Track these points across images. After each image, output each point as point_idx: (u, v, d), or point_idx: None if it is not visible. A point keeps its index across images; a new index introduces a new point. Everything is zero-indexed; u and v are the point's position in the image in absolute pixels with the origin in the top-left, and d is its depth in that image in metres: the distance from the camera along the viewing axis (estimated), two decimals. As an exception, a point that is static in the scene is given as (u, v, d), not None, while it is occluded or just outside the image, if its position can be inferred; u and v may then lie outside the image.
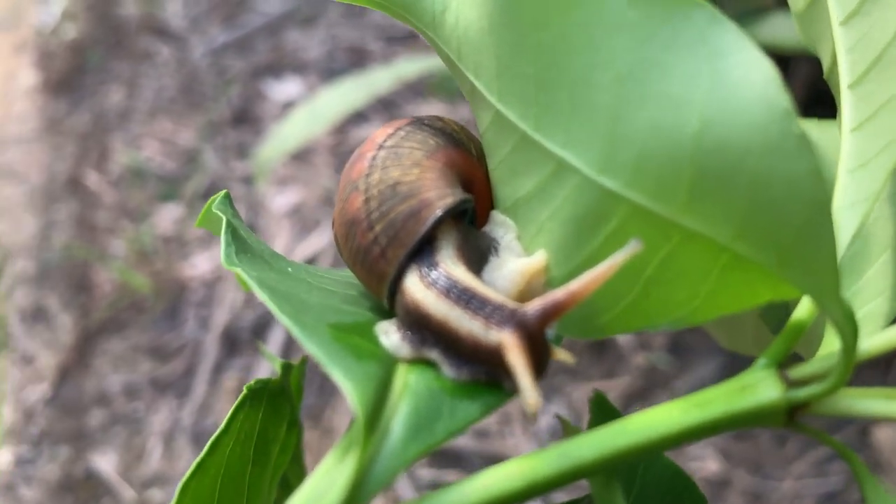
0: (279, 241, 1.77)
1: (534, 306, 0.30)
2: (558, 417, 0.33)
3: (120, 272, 1.78)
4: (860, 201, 0.32)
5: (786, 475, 1.31)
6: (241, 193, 1.92)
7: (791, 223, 0.25)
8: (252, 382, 0.39)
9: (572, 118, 0.29)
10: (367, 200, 0.33)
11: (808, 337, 0.33)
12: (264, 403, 0.39)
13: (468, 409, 0.30)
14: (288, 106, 2.13)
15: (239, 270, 0.31)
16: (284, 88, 2.21)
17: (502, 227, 0.34)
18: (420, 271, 0.32)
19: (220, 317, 1.67)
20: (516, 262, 0.32)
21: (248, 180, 1.95)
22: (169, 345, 1.65)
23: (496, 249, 0.33)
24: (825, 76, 0.37)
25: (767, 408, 0.29)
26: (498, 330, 0.30)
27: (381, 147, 0.34)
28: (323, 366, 0.28)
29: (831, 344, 0.31)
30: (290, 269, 0.35)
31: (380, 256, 0.33)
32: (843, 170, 0.34)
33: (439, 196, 0.33)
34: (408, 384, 0.30)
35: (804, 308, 0.31)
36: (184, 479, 0.35)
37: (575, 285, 0.29)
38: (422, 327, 0.31)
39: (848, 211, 0.33)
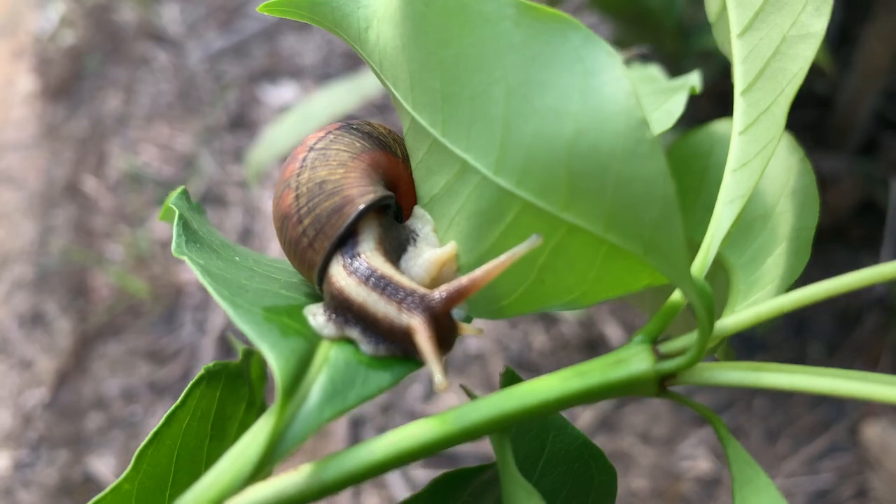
0: (275, 243, 1.81)
1: (440, 291, 0.35)
2: (462, 387, 0.37)
3: (117, 277, 1.82)
4: (738, 198, 0.37)
5: (777, 473, 1.35)
6: (237, 197, 1.96)
7: (648, 217, 0.30)
8: (210, 364, 0.43)
9: (472, 126, 0.34)
10: (297, 197, 0.38)
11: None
12: (222, 383, 0.43)
13: (380, 378, 0.35)
14: (284, 110, 2.16)
15: (186, 258, 0.36)
16: (280, 93, 2.24)
17: (421, 221, 0.39)
18: (343, 260, 0.37)
19: (217, 320, 1.71)
20: (430, 251, 0.37)
21: (245, 184, 1.98)
22: (166, 348, 1.68)
23: (415, 240, 0.38)
24: (732, 80, 0.42)
25: (639, 377, 0.34)
26: (409, 314, 0.35)
27: (311, 149, 0.39)
28: (252, 341, 0.33)
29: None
30: (237, 259, 0.40)
31: (308, 247, 0.37)
32: (728, 169, 0.38)
33: (361, 193, 0.37)
34: (328, 358, 0.35)
35: (678, 293, 0.36)
36: (139, 448, 0.39)
37: (477, 273, 0.34)
38: (345, 310, 0.36)
39: (728, 206, 0.37)
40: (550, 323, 1.53)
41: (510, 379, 0.38)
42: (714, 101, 1.45)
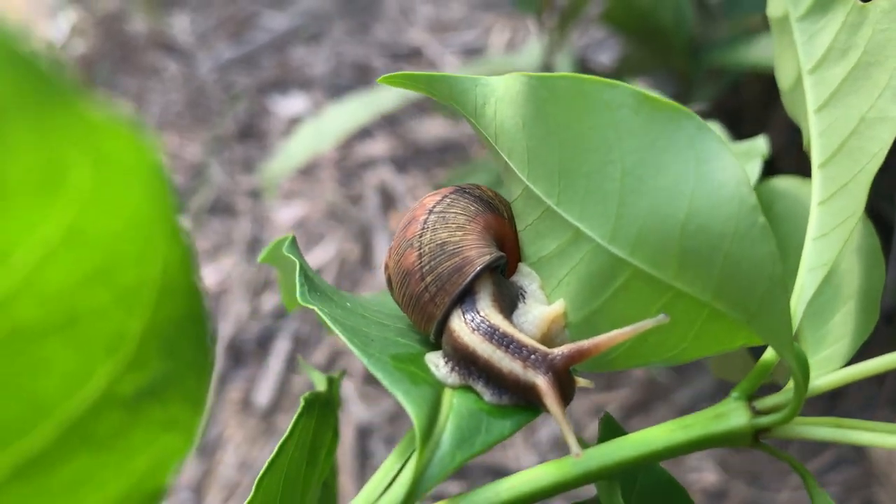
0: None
1: (562, 350, 0.39)
2: (579, 439, 0.41)
3: (129, 283, 1.84)
4: (820, 266, 0.41)
5: (783, 486, 1.38)
6: (246, 207, 1.98)
7: (755, 292, 0.35)
8: (307, 394, 0.47)
9: (587, 198, 0.38)
10: (420, 256, 0.42)
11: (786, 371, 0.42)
12: (316, 413, 0.47)
13: (502, 426, 0.39)
14: (293, 121, 2.19)
15: (316, 308, 0.40)
16: (290, 104, 2.27)
17: (528, 278, 0.44)
18: (463, 315, 0.41)
19: (225, 329, 1.73)
20: (541, 308, 0.42)
21: (254, 194, 2.01)
22: (175, 356, 1.70)
23: (523, 297, 0.43)
24: (805, 149, 0.46)
25: (736, 432, 0.39)
26: (535, 372, 0.39)
27: (430, 212, 0.44)
28: (387, 389, 0.37)
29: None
30: (348, 304, 0.44)
31: (429, 301, 0.42)
32: (809, 237, 0.42)
33: (479, 254, 0.42)
34: (453, 405, 0.39)
35: (770, 353, 0.40)
36: (258, 476, 0.43)
37: (601, 338, 0.39)
38: (468, 362, 0.41)
39: (810, 274, 0.41)
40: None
41: (608, 425, 0.42)
42: (723, 116, 1.48)
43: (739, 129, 0.60)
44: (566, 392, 0.39)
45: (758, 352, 0.41)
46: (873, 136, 0.41)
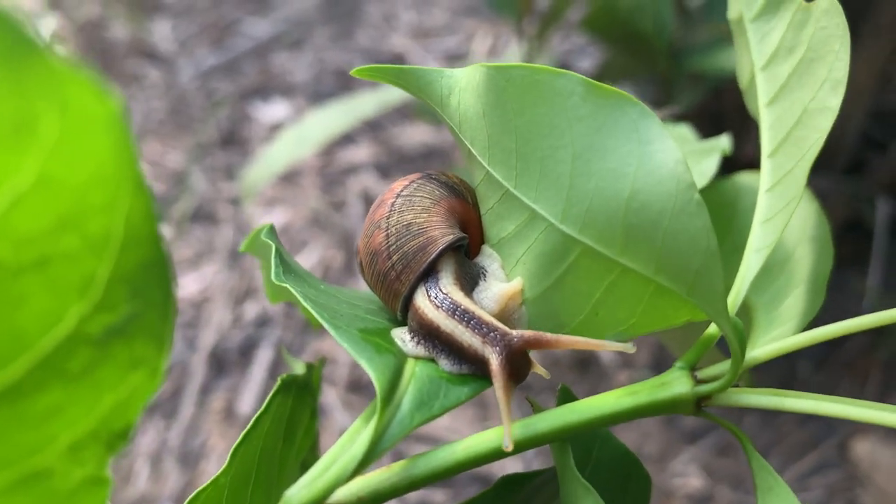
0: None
1: (521, 333, 0.43)
2: (528, 399, 0.45)
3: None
4: (764, 247, 0.45)
5: None
6: (228, 214, 2.00)
7: (692, 265, 0.39)
8: (284, 375, 0.50)
9: (541, 181, 0.42)
10: (387, 236, 0.47)
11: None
12: (293, 392, 0.51)
13: (460, 392, 0.43)
14: (275, 128, 2.21)
15: (289, 286, 0.44)
16: (272, 110, 2.29)
17: (489, 259, 0.48)
18: (427, 292, 0.46)
19: (208, 338, 1.76)
20: (500, 286, 0.46)
21: (236, 201, 2.02)
22: (157, 366, 1.70)
23: (484, 275, 0.47)
24: (760, 143, 0.49)
25: (679, 399, 0.43)
26: (491, 349, 0.43)
27: (398, 196, 0.48)
28: (353, 356, 0.41)
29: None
30: (322, 286, 0.48)
31: (395, 279, 0.46)
32: (757, 221, 0.47)
33: (442, 234, 0.47)
34: (415, 373, 0.43)
35: (713, 326, 0.45)
36: (234, 445, 0.46)
37: (564, 337, 0.43)
38: (432, 336, 0.45)
39: (755, 255, 0.45)
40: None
41: (565, 394, 0.46)
42: (705, 120, 1.50)
43: (721, 133, 0.63)
44: (519, 372, 0.43)
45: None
46: (814, 125, 0.45)
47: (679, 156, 0.38)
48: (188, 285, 1.88)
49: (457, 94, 0.46)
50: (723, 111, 1.52)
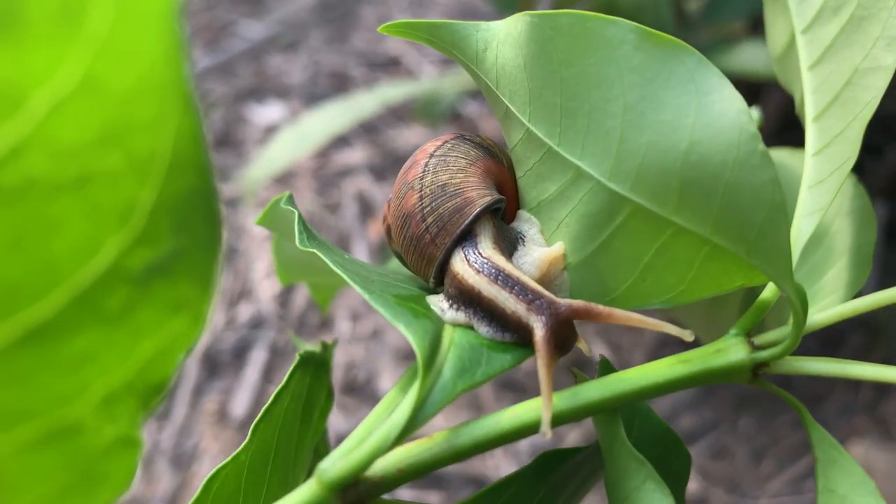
0: (260, 263, 1.84)
1: (569, 303, 0.40)
2: (572, 371, 0.42)
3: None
4: (815, 211, 0.43)
5: (761, 493, 1.41)
6: (222, 216, 1.98)
7: (755, 221, 0.37)
8: (302, 352, 0.48)
9: (588, 137, 0.40)
10: (421, 198, 0.44)
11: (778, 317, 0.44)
12: (311, 370, 0.49)
13: (503, 359, 0.41)
14: (270, 129, 2.20)
15: (316, 251, 0.41)
16: (267, 112, 2.28)
17: (528, 223, 0.45)
18: (465, 257, 0.43)
19: (201, 339, 1.70)
20: (540, 250, 0.44)
21: (230, 203, 2.01)
22: (148, 369, 1.69)
23: (523, 240, 0.45)
24: (797, 111, 0.48)
25: (736, 366, 0.41)
26: (537, 317, 0.40)
27: (431, 156, 0.45)
28: (390, 321, 0.39)
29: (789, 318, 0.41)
30: (346, 256, 0.46)
31: (430, 242, 0.44)
32: (804, 186, 0.44)
33: (480, 195, 0.44)
34: (454, 340, 0.41)
35: (769, 290, 0.43)
36: (255, 422, 0.44)
37: (617, 311, 0.40)
38: (472, 303, 0.42)
39: (806, 219, 0.43)
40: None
41: (605, 366, 0.43)
42: None
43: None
44: (565, 344, 0.41)
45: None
46: (867, 84, 0.43)
47: (741, 105, 0.36)
48: (181, 287, 1.83)
49: (494, 47, 0.44)
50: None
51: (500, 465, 1.45)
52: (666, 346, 1.57)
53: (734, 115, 0.36)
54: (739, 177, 0.36)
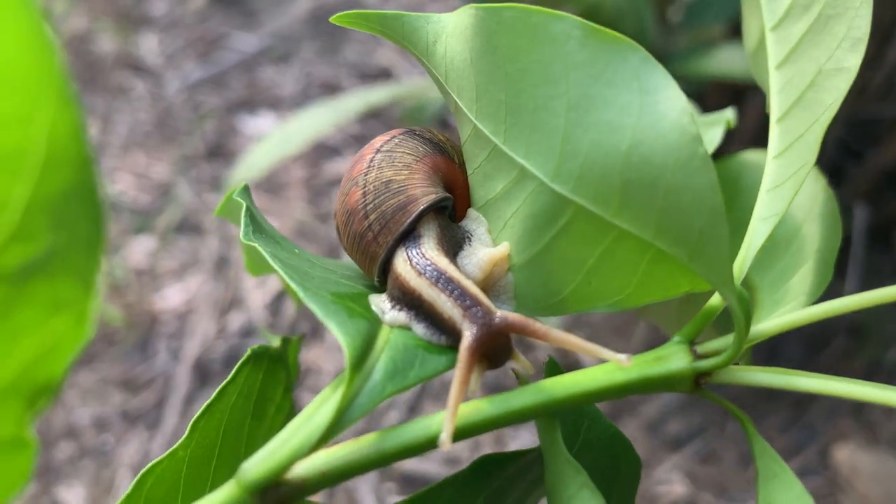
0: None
1: (505, 316, 0.39)
2: (513, 371, 0.41)
3: (92, 303, 1.83)
4: (772, 216, 0.42)
5: (749, 497, 1.41)
6: (213, 226, 1.99)
7: (695, 226, 0.36)
8: (255, 346, 0.47)
9: (532, 135, 0.39)
10: (364, 194, 0.43)
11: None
12: (264, 366, 0.48)
13: (437, 362, 0.40)
14: (262, 140, 2.19)
15: (257, 245, 0.41)
16: (258, 123, 2.28)
17: (476, 222, 0.44)
18: (408, 257, 0.42)
19: (192, 349, 1.74)
20: (484, 251, 0.43)
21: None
22: (140, 377, 1.70)
23: (469, 240, 0.44)
24: (766, 110, 0.46)
25: (676, 374, 0.40)
26: (470, 324, 0.39)
27: (378, 151, 0.44)
28: (321, 320, 0.38)
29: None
30: (296, 250, 0.45)
31: (372, 240, 0.43)
32: (763, 189, 0.43)
33: (424, 193, 0.43)
34: (389, 340, 0.40)
35: (716, 298, 0.41)
36: (195, 417, 0.43)
37: (555, 332, 0.39)
38: (413, 305, 0.41)
39: (762, 223, 0.42)
40: (527, 349, 1.56)
41: (553, 368, 0.42)
42: None
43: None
44: (494, 357, 0.40)
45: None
46: (830, 86, 0.42)
47: (684, 105, 0.35)
48: (173, 297, 1.86)
49: (443, 40, 0.43)
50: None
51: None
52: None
53: (676, 115, 0.35)
54: (680, 179, 0.35)
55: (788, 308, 0.45)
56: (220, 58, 2.51)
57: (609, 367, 0.39)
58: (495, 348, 0.39)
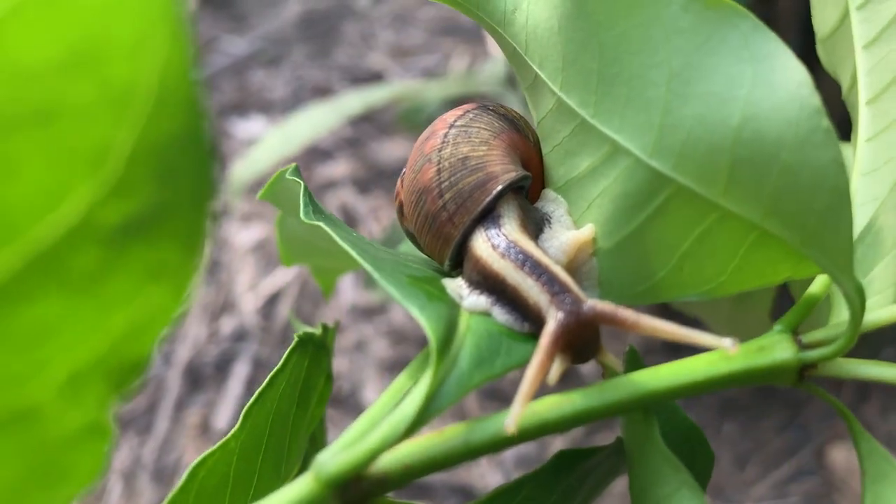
0: (243, 276, 1.81)
1: (595, 305, 0.36)
2: (599, 361, 0.38)
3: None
4: (869, 202, 0.39)
5: (746, 498, 1.41)
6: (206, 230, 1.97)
7: (815, 207, 0.33)
8: (301, 332, 0.45)
9: (627, 107, 0.36)
10: (438, 171, 0.40)
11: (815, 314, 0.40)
12: (310, 352, 0.45)
13: (523, 350, 0.37)
14: (253, 144, 2.18)
15: (322, 224, 0.38)
16: (249, 127, 2.27)
17: (554, 203, 0.41)
18: (488, 239, 0.39)
19: (183, 353, 1.73)
20: (568, 233, 0.39)
21: (213, 216, 1.98)
22: (131, 381, 1.67)
23: (549, 222, 0.40)
24: (843, 96, 0.44)
25: (781, 366, 0.36)
26: (556, 310, 0.36)
27: (451, 126, 0.41)
28: (400, 303, 0.35)
29: (840, 315, 0.37)
30: (354, 234, 0.42)
31: (447, 221, 0.40)
32: (857, 174, 0.41)
33: (504, 171, 0.40)
34: (470, 326, 0.37)
35: (818, 285, 0.39)
36: (247, 406, 0.41)
37: (648, 320, 0.35)
38: (495, 289, 0.38)
39: (858, 209, 0.39)
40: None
41: (634, 359, 0.40)
42: None
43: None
44: (580, 350, 0.36)
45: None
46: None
47: (803, 76, 0.32)
48: (163, 300, 1.82)
49: (524, 8, 0.40)
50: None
51: (486, 475, 1.42)
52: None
53: (794, 86, 0.31)
54: (799, 156, 0.32)
55: (875, 301, 0.43)
56: (210, 61, 2.50)
57: (710, 358, 0.36)
58: (582, 340, 0.36)
